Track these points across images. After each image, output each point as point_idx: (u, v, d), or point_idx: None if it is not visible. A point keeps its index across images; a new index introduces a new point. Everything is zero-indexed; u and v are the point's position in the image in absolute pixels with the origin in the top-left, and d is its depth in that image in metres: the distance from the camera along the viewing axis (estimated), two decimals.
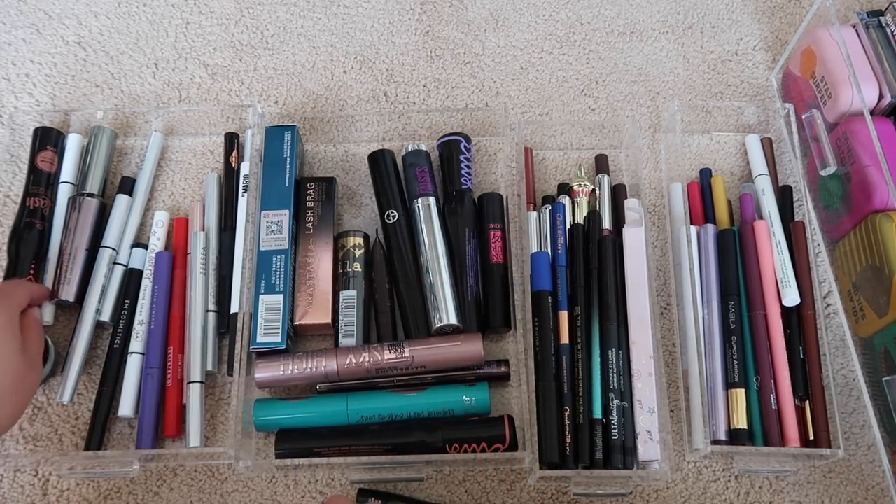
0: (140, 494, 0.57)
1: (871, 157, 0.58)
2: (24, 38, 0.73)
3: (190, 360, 0.59)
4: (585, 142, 0.69)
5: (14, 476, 0.58)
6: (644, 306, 0.59)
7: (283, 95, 0.72)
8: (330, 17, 0.76)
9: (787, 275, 0.60)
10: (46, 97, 0.71)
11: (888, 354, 0.57)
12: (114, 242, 0.62)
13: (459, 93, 0.72)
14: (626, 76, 0.73)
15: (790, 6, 0.77)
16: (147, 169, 0.66)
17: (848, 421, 0.60)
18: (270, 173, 0.63)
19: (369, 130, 0.69)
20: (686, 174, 0.68)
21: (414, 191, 0.63)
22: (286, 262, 0.60)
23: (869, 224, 0.58)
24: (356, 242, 0.62)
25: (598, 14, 0.76)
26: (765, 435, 0.57)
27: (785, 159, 0.68)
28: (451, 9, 0.76)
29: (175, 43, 0.74)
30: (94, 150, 0.65)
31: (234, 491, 0.58)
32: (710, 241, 0.63)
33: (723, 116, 0.69)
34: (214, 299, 0.61)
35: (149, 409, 0.58)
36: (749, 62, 0.74)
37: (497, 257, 0.62)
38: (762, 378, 0.58)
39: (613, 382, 0.57)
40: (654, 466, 0.56)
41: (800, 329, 0.60)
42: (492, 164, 0.69)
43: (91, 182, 0.64)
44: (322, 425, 0.57)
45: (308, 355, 0.57)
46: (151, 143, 0.67)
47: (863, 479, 0.59)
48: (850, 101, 0.61)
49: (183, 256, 0.63)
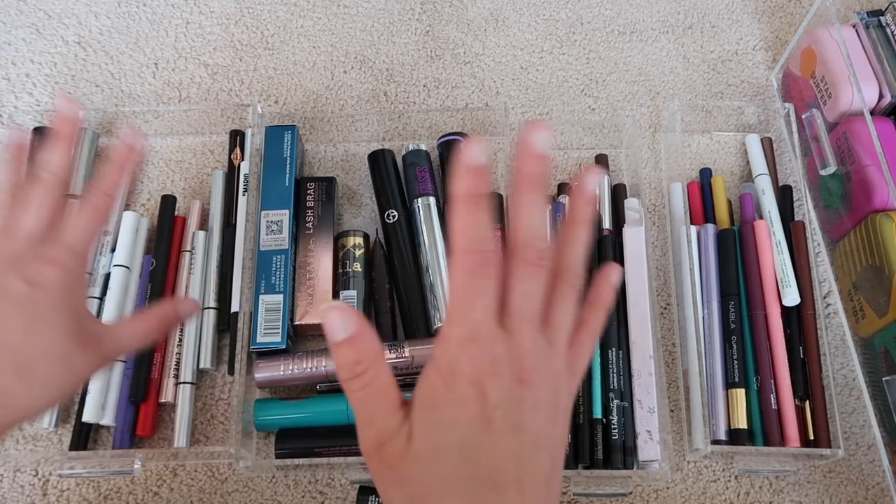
0: (140, 494, 0.57)
1: (871, 157, 0.58)
2: (24, 38, 0.73)
3: (182, 359, 0.59)
4: (585, 142, 0.69)
5: (14, 476, 0.58)
6: (644, 306, 0.59)
7: (283, 95, 0.72)
8: (330, 17, 0.76)
9: (787, 275, 0.60)
10: (46, 97, 0.71)
11: (888, 354, 0.57)
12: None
13: (459, 93, 0.72)
14: (626, 76, 0.73)
15: (790, 6, 0.77)
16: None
17: (848, 421, 0.60)
18: (270, 173, 0.63)
19: (369, 130, 0.69)
20: (686, 174, 0.68)
21: (414, 190, 0.63)
22: (286, 262, 0.60)
23: (869, 224, 0.58)
24: (356, 242, 0.62)
25: (598, 14, 0.76)
26: (765, 435, 0.57)
27: (785, 159, 0.68)
28: (451, 9, 0.76)
29: (175, 43, 0.74)
30: (76, 152, 0.65)
31: (235, 491, 0.58)
32: (710, 241, 0.63)
33: (723, 116, 0.69)
34: (215, 296, 0.61)
35: (122, 409, 0.58)
36: (749, 62, 0.74)
37: None
38: (762, 378, 0.58)
39: (613, 382, 0.57)
40: (654, 466, 0.56)
41: (800, 329, 0.60)
42: (492, 164, 0.69)
43: (73, 184, 0.64)
44: (322, 425, 0.57)
45: (308, 355, 0.57)
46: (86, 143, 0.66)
47: (863, 478, 0.59)
48: (850, 101, 0.61)
49: (177, 255, 0.63)
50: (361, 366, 0.33)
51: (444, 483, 0.32)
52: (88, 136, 0.66)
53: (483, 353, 0.33)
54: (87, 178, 0.65)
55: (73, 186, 0.64)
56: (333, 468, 0.58)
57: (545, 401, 0.34)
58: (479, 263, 0.33)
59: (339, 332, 0.32)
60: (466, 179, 0.32)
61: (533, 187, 0.34)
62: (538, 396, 0.33)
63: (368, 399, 0.33)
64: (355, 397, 0.33)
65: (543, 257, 0.34)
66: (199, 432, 0.59)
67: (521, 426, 0.33)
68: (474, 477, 0.32)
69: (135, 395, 0.58)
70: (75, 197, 0.63)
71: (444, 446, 0.32)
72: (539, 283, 0.34)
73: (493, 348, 0.33)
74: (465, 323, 0.33)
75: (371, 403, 0.33)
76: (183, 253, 0.63)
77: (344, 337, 0.32)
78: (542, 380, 0.34)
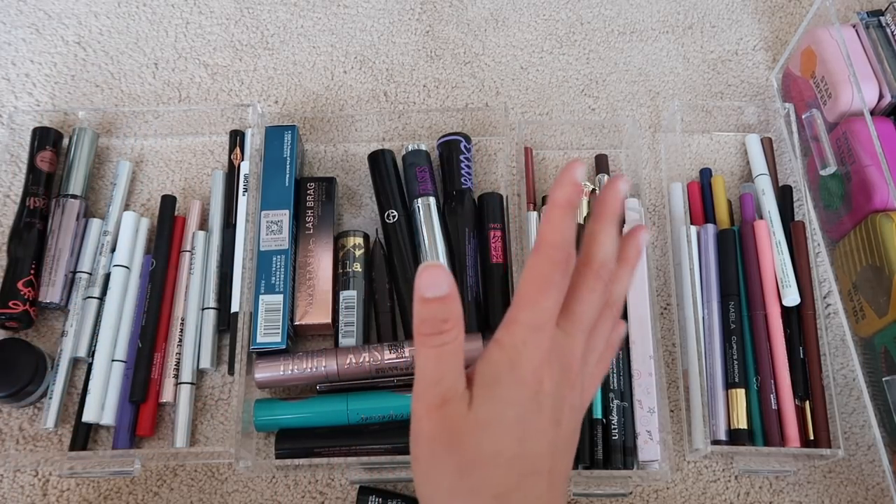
0: (140, 494, 0.57)
1: (871, 157, 0.58)
2: (23, 38, 0.73)
3: (181, 359, 0.59)
4: (585, 142, 0.69)
5: (14, 476, 0.58)
6: (644, 306, 0.59)
7: (283, 95, 0.72)
8: (330, 17, 0.76)
9: (787, 275, 0.60)
10: (46, 97, 0.71)
11: (888, 354, 0.57)
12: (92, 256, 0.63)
13: (459, 93, 0.72)
14: (626, 76, 0.73)
15: (790, 6, 0.77)
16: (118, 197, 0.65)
17: (848, 421, 0.60)
18: (270, 173, 0.63)
19: (369, 130, 0.69)
20: (686, 174, 0.68)
21: (414, 190, 0.63)
22: (286, 262, 0.60)
23: (869, 224, 0.58)
24: (356, 242, 0.62)
25: (598, 14, 0.76)
26: (765, 435, 0.57)
27: (785, 159, 0.68)
28: (451, 9, 0.76)
29: (175, 43, 0.74)
30: (76, 152, 0.65)
31: (235, 491, 0.58)
32: (710, 241, 0.63)
33: (723, 116, 0.69)
34: (215, 296, 0.61)
35: (121, 409, 0.58)
36: (749, 62, 0.74)
37: (497, 257, 0.62)
38: (762, 378, 0.58)
39: (613, 382, 0.57)
40: (654, 466, 0.56)
41: (800, 329, 0.60)
42: (492, 164, 0.69)
43: (73, 184, 0.64)
44: (322, 425, 0.57)
45: (308, 355, 0.57)
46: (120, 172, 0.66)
47: (863, 479, 0.59)
48: (850, 101, 0.61)
49: (177, 255, 0.63)
50: (448, 324, 0.34)
51: (496, 456, 0.35)
52: (88, 136, 0.66)
53: (546, 343, 0.35)
54: (86, 179, 0.65)
55: (73, 187, 0.64)
56: (333, 468, 0.58)
57: (578, 407, 0.38)
58: (562, 260, 0.35)
59: (435, 289, 0.33)
60: (567, 189, 0.35)
61: (614, 220, 0.38)
62: (575, 401, 0.37)
63: (444, 357, 0.35)
64: (431, 353, 0.35)
65: (610, 279, 0.38)
66: (199, 432, 0.59)
67: (559, 422, 0.36)
68: (522, 456, 0.35)
69: (135, 395, 0.58)
70: (76, 197, 0.63)
71: (504, 420, 0.35)
72: (602, 298, 0.38)
73: (554, 342, 0.36)
74: (535, 311, 0.35)
75: (445, 361, 0.35)
76: (183, 253, 0.63)
77: (438, 295, 0.33)
78: (580, 387, 0.37)
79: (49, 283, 0.61)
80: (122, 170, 0.66)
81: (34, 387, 0.58)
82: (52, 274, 0.61)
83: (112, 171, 0.68)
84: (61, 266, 0.61)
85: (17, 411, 0.60)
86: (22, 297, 0.60)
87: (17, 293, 0.60)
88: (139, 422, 0.58)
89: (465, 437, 0.35)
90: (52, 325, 0.62)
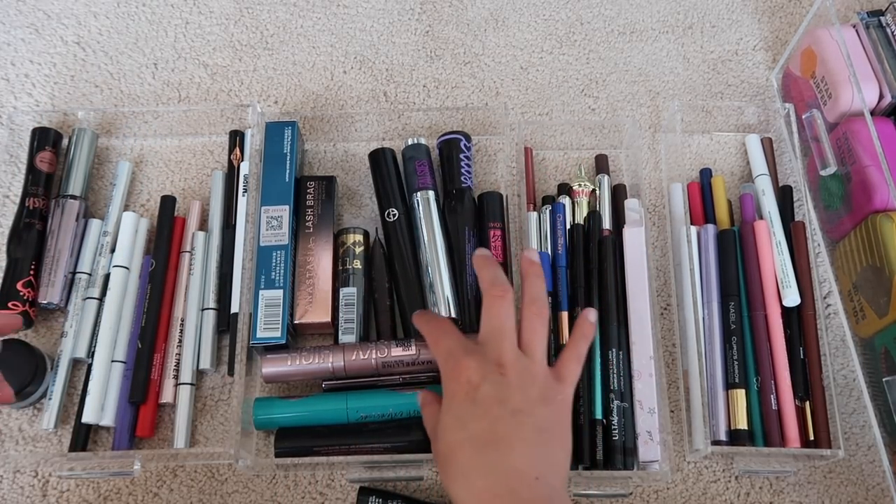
0: (140, 495, 0.57)
1: (872, 157, 0.58)
2: (23, 38, 0.73)
3: (181, 360, 0.59)
4: (585, 142, 0.69)
5: (14, 477, 0.58)
6: (644, 306, 0.59)
7: (283, 95, 0.72)
8: (330, 17, 0.76)
9: (788, 275, 0.60)
10: (45, 97, 0.71)
11: (888, 354, 0.57)
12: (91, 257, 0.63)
13: (459, 93, 0.72)
14: (626, 76, 0.73)
15: (790, 6, 0.77)
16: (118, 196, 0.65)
17: (848, 421, 0.60)
18: (271, 169, 0.63)
19: (369, 130, 0.69)
20: (686, 174, 0.68)
21: (413, 184, 0.63)
22: (286, 258, 0.60)
23: (869, 224, 0.58)
24: (356, 239, 0.62)
25: (598, 14, 0.76)
26: (765, 435, 0.57)
27: (785, 159, 0.68)
28: (451, 9, 0.76)
29: (175, 43, 0.74)
30: (75, 152, 0.65)
31: (235, 492, 0.58)
32: (711, 242, 0.63)
33: (723, 116, 0.69)
34: (215, 297, 0.61)
35: (121, 410, 0.58)
36: (749, 62, 0.74)
37: (497, 257, 0.62)
38: (762, 378, 0.58)
39: (614, 383, 0.57)
40: (654, 467, 0.56)
41: (800, 329, 0.60)
42: (492, 164, 0.69)
43: (73, 184, 0.64)
44: (322, 424, 0.57)
45: (315, 350, 0.57)
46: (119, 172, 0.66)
47: (863, 479, 0.59)
48: (851, 101, 0.61)
49: (176, 256, 0.63)
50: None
51: (454, 444, 0.47)
52: (88, 137, 0.66)
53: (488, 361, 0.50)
54: (86, 179, 0.65)
55: (73, 187, 0.64)
56: (333, 467, 0.58)
57: (521, 385, 0.48)
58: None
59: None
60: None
61: (538, 274, 0.53)
62: (515, 380, 0.48)
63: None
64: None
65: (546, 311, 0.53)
66: (199, 433, 0.59)
67: (503, 400, 0.47)
68: (471, 439, 0.46)
69: (134, 396, 0.58)
70: (75, 197, 0.63)
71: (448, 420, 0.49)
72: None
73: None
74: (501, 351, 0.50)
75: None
76: (183, 254, 0.63)
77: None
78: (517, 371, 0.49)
79: (48, 284, 0.60)
80: (121, 170, 0.66)
81: (34, 388, 0.58)
82: (51, 274, 0.61)
83: (112, 171, 0.68)
84: (61, 267, 0.61)
85: (16, 412, 0.60)
86: (21, 297, 0.60)
87: (17, 294, 0.60)
88: (139, 422, 0.58)
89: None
90: (51, 326, 0.62)
